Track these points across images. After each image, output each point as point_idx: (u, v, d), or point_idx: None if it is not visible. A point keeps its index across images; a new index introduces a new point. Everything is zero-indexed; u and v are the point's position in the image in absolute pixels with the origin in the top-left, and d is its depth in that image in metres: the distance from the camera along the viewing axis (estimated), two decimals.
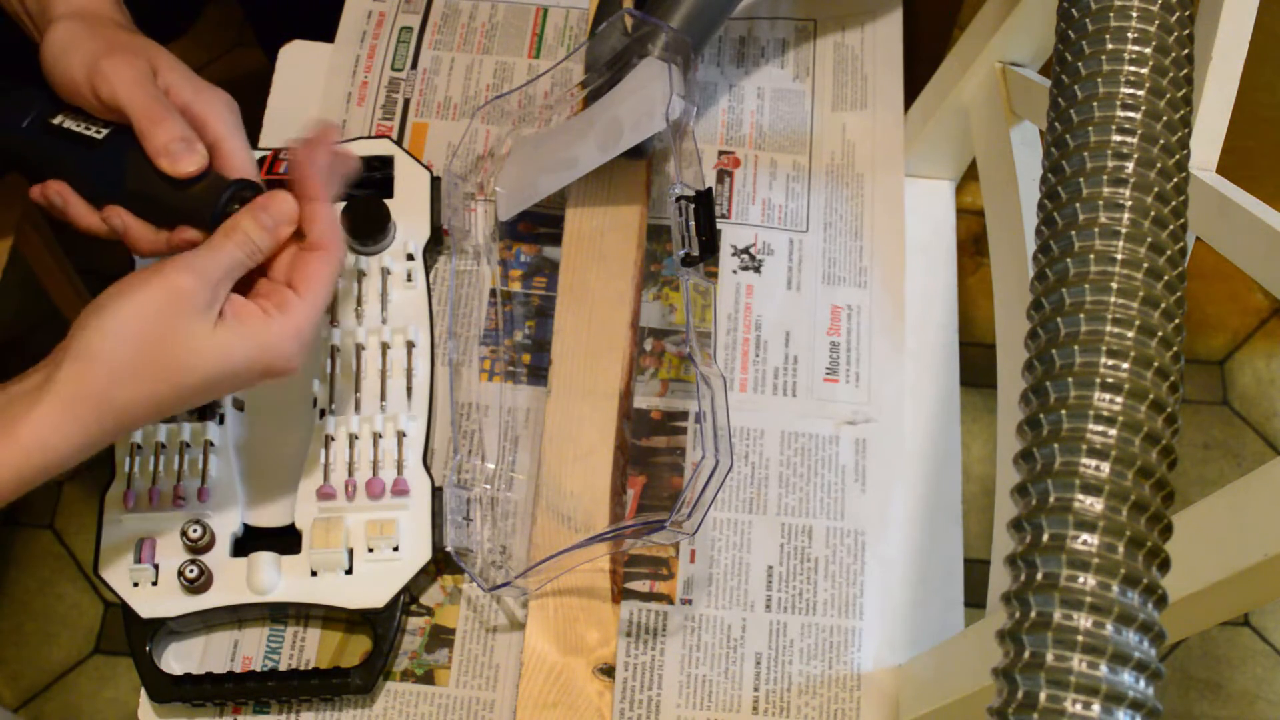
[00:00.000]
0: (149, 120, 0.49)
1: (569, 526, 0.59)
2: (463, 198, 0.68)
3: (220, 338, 0.46)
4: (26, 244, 1.07)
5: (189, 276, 0.45)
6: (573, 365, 0.62)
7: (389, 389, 0.61)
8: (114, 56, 0.50)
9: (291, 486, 0.59)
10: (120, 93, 0.49)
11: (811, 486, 0.63)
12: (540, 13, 0.76)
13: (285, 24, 0.77)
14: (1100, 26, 0.41)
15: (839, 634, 0.60)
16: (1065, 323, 0.36)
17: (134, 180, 0.50)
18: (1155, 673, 0.31)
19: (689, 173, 0.59)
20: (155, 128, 0.49)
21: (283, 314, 0.48)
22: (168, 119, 0.49)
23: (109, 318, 0.44)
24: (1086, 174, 0.38)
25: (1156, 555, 0.33)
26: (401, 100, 0.72)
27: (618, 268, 0.65)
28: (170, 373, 0.45)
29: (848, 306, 0.68)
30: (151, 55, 0.51)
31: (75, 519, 1.32)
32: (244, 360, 0.47)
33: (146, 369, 0.44)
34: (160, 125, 0.49)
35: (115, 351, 0.44)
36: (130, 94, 0.49)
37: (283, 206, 0.49)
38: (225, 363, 0.46)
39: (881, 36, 0.76)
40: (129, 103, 0.49)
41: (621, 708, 0.58)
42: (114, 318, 0.44)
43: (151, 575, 0.57)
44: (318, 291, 0.49)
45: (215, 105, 0.52)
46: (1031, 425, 0.35)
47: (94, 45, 0.50)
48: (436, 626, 0.59)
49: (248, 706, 0.57)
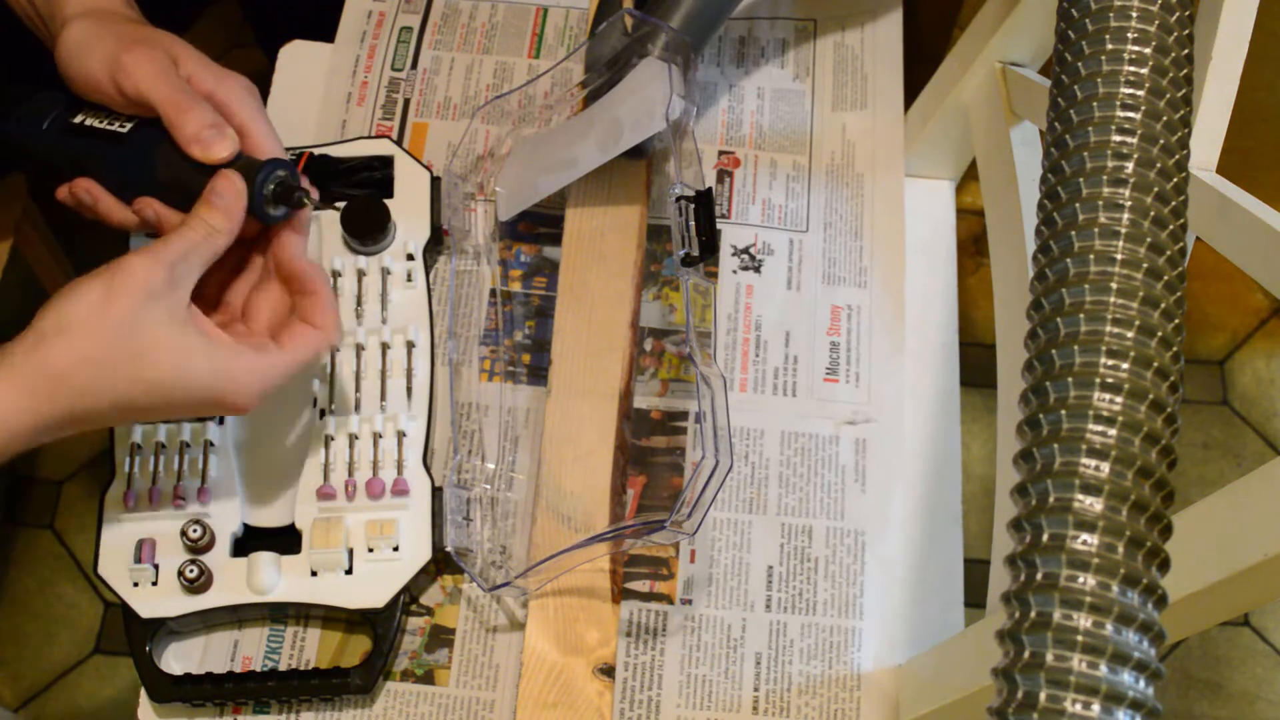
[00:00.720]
0: (177, 110, 0.50)
1: (569, 526, 0.59)
2: (463, 198, 0.68)
3: (184, 339, 0.46)
4: (26, 244, 1.07)
5: (142, 256, 0.46)
6: (573, 365, 0.62)
7: (389, 389, 0.61)
8: (134, 51, 0.50)
9: (291, 486, 0.59)
10: (144, 86, 0.50)
11: (811, 486, 0.63)
12: (540, 13, 0.76)
13: (285, 24, 0.77)
14: (1100, 26, 0.41)
15: (839, 634, 0.60)
16: (1065, 323, 0.36)
17: (165, 170, 0.51)
18: (1155, 673, 0.31)
19: (689, 173, 0.59)
20: (184, 117, 0.50)
21: (255, 353, 0.48)
22: (195, 107, 0.50)
23: (67, 301, 0.45)
24: (1086, 174, 0.38)
25: (1156, 555, 0.33)
26: (401, 100, 0.72)
27: (618, 268, 0.65)
28: (128, 358, 0.45)
29: (848, 306, 0.68)
30: (169, 46, 0.52)
31: (75, 519, 1.32)
32: (202, 375, 0.47)
33: (103, 351, 0.45)
34: (189, 114, 0.50)
35: (71, 332, 0.44)
36: (155, 86, 0.50)
37: (233, 184, 0.50)
38: (186, 368, 0.46)
39: (881, 36, 0.76)
40: (154, 94, 0.50)
41: (621, 708, 0.58)
42: (70, 300, 0.45)
43: (151, 575, 0.57)
44: (299, 352, 0.50)
45: (238, 90, 0.52)
46: (1031, 425, 0.35)
47: (112, 41, 0.51)
48: (436, 626, 0.59)
49: (248, 706, 0.57)
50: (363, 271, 0.63)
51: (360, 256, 0.63)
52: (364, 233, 0.63)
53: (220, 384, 0.47)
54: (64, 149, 0.53)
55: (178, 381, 0.46)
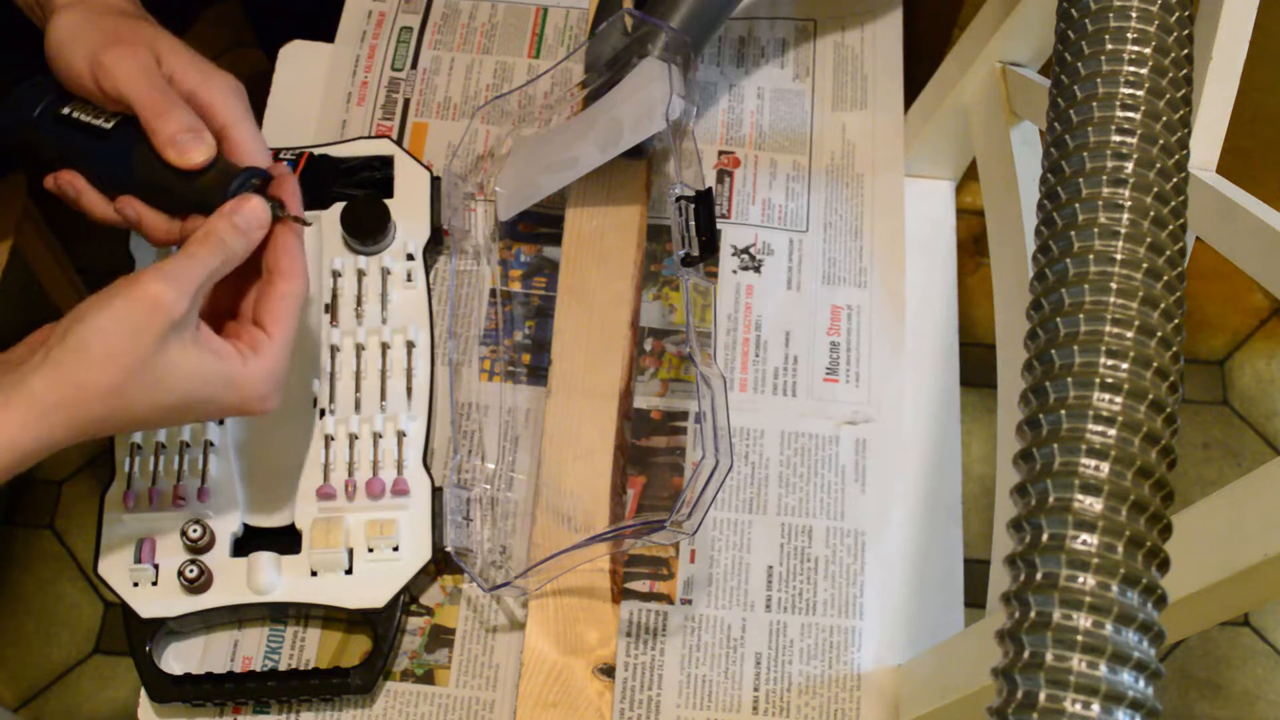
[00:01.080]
0: (153, 113, 0.49)
1: (569, 526, 0.59)
2: (463, 198, 0.68)
3: (200, 362, 0.46)
4: (26, 244, 1.07)
5: (166, 286, 0.45)
6: (573, 365, 0.62)
7: (389, 389, 0.61)
8: (115, 48, 0.49)
9: (291, 486, 0.59)
10: (124, 85, 0.49)
11: (811, 486, 0.63)
12: (540, 13, 0.76)
13: (285, 24, 0.77)
14: (1100, 26, 0.41)
15: (839, 634, 0.60)
16: (1065, 323, 0.36)
17: (143, 170, 0.50)
18: (1155, 673, 0.31)
19: (689, 173, 0.59)
20: (160, 120, 0.49)
21: (258, 356, 0.48)
22: (173, 110, 0.49)
23: (87, 329, 0.43)
24: (1086, 174, 0.38)
25: (1156, 555, 0.33)
26: (401, 100, 0.72)
27: (618, 268, 0.65)
28: (147, 389, 0.45)
29: (848, 306, 0.68)
30: (154, 42, 0.51)
31: (75, 519, 1.32)
32: (220, 393, 0.47)
33: (123, 384, 0.44)
34: (166, 117, 0.49)
35: (91, 364, 0.43)
36: (133, 86, 0.49)
37: (255, 209, 0.49)
38: (202, 389, 0.46)
39: (881, 36, 0.76)
40: (132, 95, 0.49)
41: (621, 708, 0.58)
42: (91, 329, 0.43)
43: (151, 575, 0.57)
44: (286, 330, 0.50)
45: (222, 91, 0.51)
46: (1031, 425, 0.35)
47: (95, 37, 0.50)
48: (436, 626, 0.59)
49: (248, 706, 0.57)
50: (363, 271, 0.63)
51: (360, 256, 0.63)
52: (364, 233, 0.63)
53: (239, 398, 0.48)
54: (50, 139, 0.52)
55: (195, 404, 0.47)
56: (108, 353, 0.43)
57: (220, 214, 0.48)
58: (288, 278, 0.50)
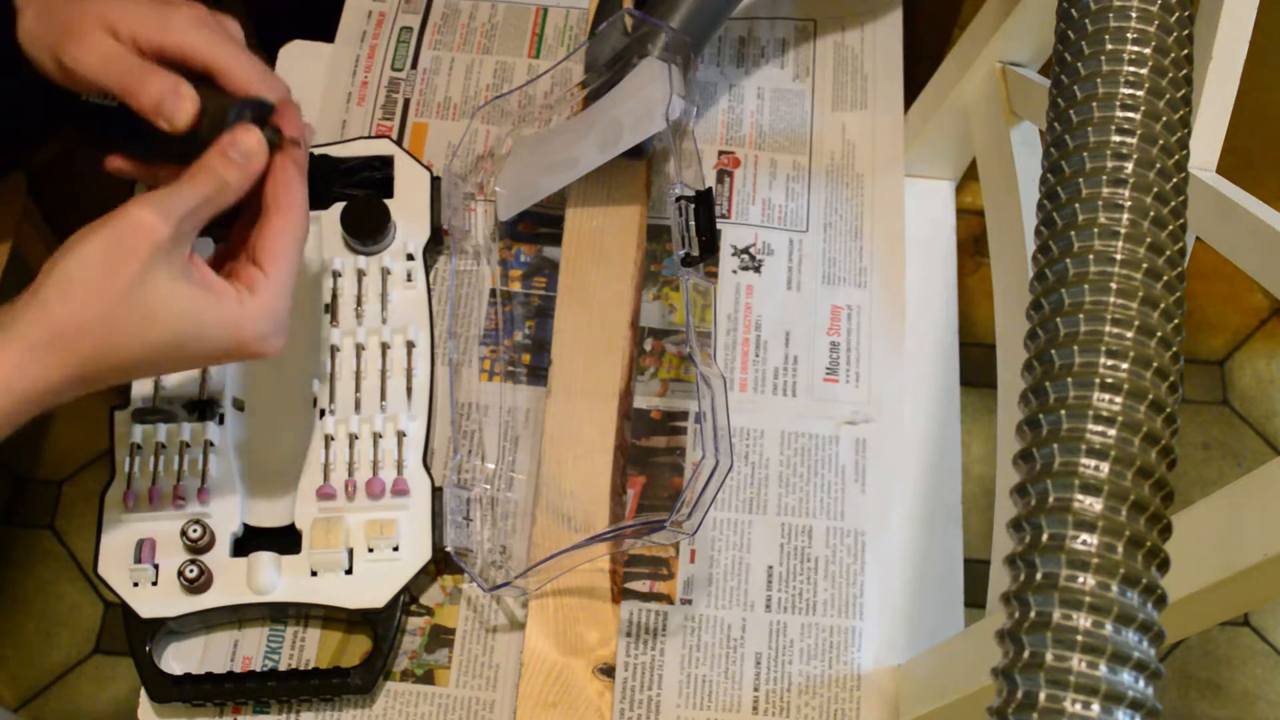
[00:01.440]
0: (127, 91, 0.48)
1: (569, 526, 0.59)
2: (463, 198, 0.68)
3: (193, 298, 0.45)
4: (26, 244, 1.07)
5: (149, 210, 0.44)
6: (573, 365, 0.62)
7: (389, 389, 0.61)
8: (69, 44, 0.48)
9: (291, 486, 0.59)
10: (91, 76, 0.48)
11: (811, 486, 0.63)
12: (540, 13, 0.76)
13: (285, 24, 0.77)
14: (1100, 27, 0.41)
15: (839, 634, 0.60)
16: (1064, 323, 0.36)
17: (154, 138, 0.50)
18: (1155, 672, 0.31)
19: (689, 173, 0.59)
20: (135, 97, 0.48)
21: (254, 295, 0.47)
22: (144, 81, 0.48)
23: (71, 260, 0.43)
24: (1086, 174, 0.38)
25: (1156, 555, 0.33)
26: (401, 100, 0.72)
27: (618, 268, 0.65)
28: (138, 324, 0.44)
29: (848, 306, 0.68)
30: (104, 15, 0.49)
31: (75, 519, 1.32)
32: (216, 332, 0.46)
33: (110, 315, 0.43)
34: (139, 91, 0.48)
35: (76, 295, 0.42)
36: (100, 73, 0.48)
37: (244, 138, 0.48)
38: (197, 327, 0.45)
39: (881, 36, 0.76)
40: (105, 83, 0.48)
41: (621, 708, 0.58)
42: (75, 260, 0.43)
43: (151, 575, 0.57)
44: (285, 267, 0.48)
45: (186, 30, 0.49)
46: (1031, 425, 0.35)
47: (50, 35, 0.49)
48: (436, 626, 0.59)
49: (248, 706, 0.57)
50: (363, 271, 0.63)
51: (360, 256, 0.63)
52: (364, 233, 0.63)
53: (237, 338, 0.46)
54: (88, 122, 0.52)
55: (189, 341, 0.45)
56: (92, 282, 0.42)
57: (213, 147, 0.47)
58: (284, 212, 0.49)
